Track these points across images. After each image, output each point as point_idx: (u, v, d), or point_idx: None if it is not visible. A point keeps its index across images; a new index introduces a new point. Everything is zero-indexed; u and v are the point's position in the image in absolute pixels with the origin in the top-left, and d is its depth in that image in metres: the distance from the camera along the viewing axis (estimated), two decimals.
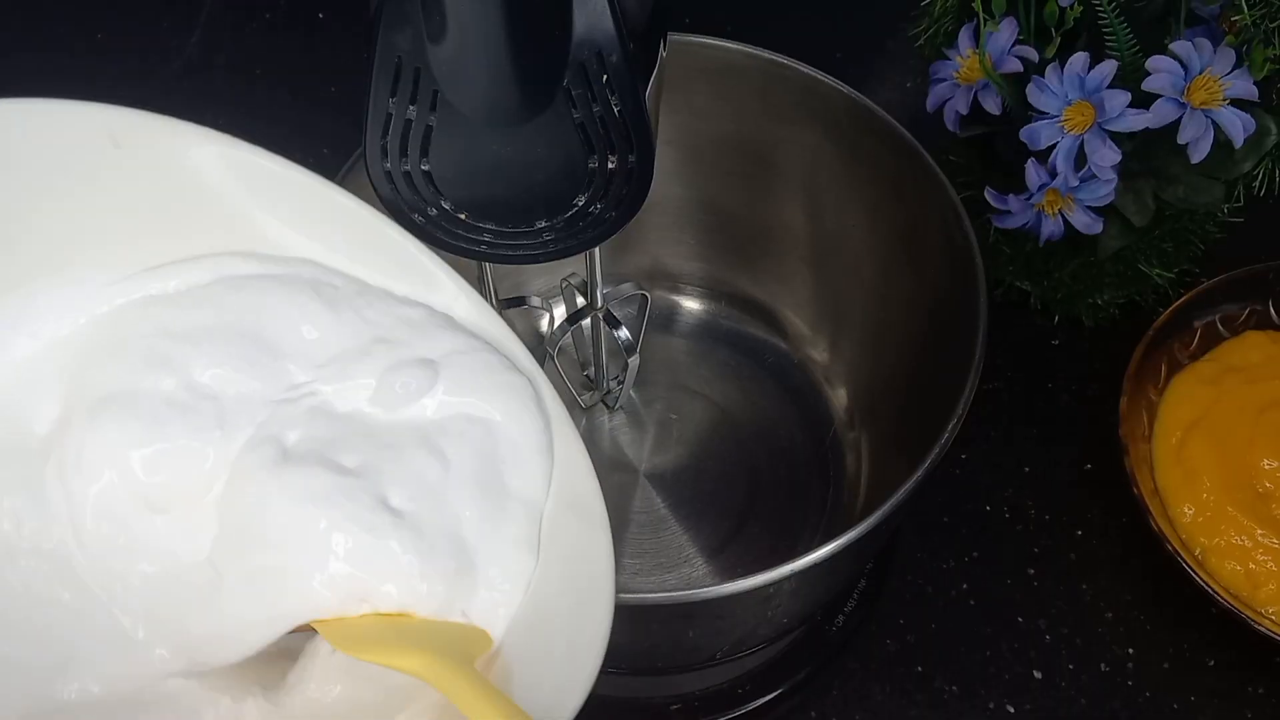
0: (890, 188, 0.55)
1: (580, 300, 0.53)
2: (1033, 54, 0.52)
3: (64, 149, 0.37)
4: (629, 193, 0.39)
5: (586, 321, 0.54)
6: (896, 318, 0.57)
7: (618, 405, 0.61)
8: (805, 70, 0.55)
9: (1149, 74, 0.49)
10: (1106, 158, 0.50)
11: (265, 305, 0.38)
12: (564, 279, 0.53)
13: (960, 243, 0.50)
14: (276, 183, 0.38)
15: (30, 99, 0.36)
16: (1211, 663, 0.56)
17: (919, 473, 0.43)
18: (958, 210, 0.50)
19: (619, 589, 0.37)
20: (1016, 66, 0.52)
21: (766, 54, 0.55)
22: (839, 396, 0.61)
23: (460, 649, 0.35)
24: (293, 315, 0.38)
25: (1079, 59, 0.50)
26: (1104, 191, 0.52)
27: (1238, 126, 0.50)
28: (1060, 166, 0.51)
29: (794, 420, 0.61)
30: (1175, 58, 0.49)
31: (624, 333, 0.54)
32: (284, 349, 0.38)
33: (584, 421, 0.61)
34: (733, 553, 0.57)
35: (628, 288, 0.56)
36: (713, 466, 0.59)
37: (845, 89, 0.54)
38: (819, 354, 0.63)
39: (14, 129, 0.36)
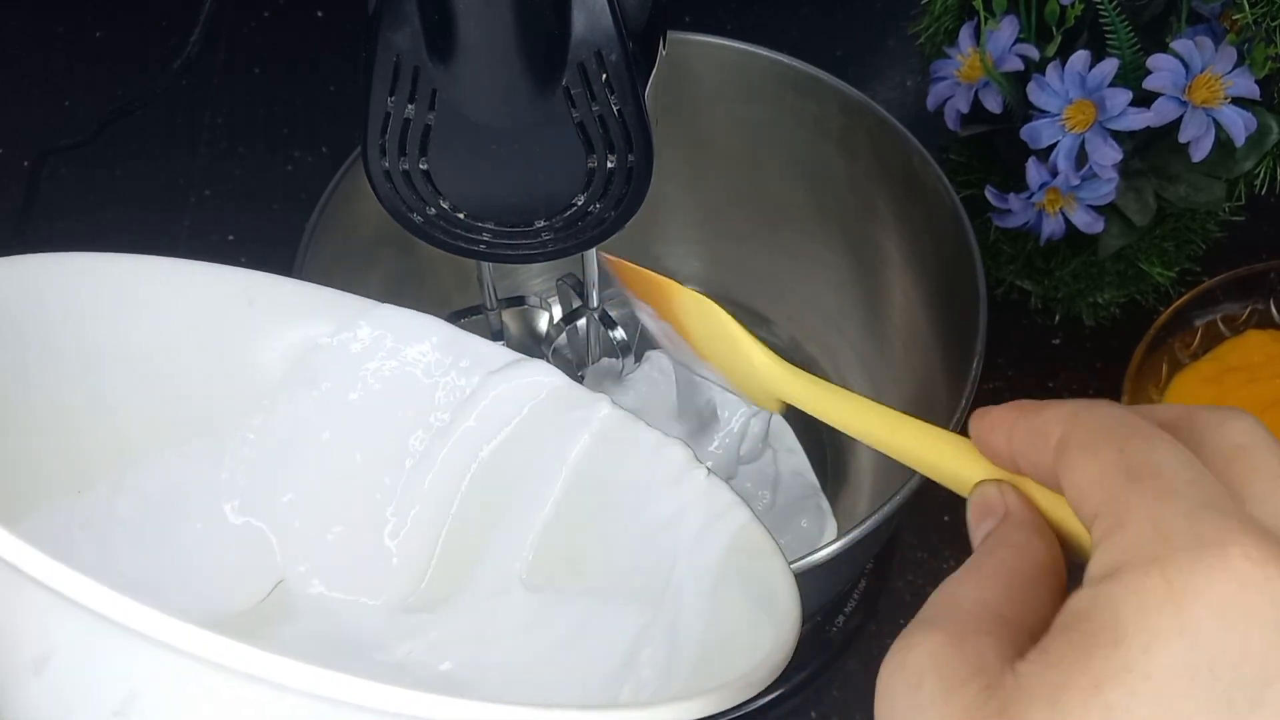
0: (891, 186, 0.54)
1: (575, 301, 0.53)
2: (1034, 52, 0.51)
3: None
4: (628, 192, 0.39)
5: (582, 322, 0.54)
6: (896, 317, 0.57)
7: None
8: (805, 69, 0.54)
9: (1150, 72, 0.49)
10: (1107, 156, 0.50)
11: None
12: (559, 279, 0.53)
13: (960, 242, 0.50)
14: None
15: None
16: None
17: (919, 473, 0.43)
18: (958, 209, 0.50)
19: None
20: (1017, 65, 0.52)
21: (767, 52, 0.55)
22: None
23: None
24: None
25: (1080, 57, 0.49)
26: (1105, 190, 0.52)
27: (1239, 125, 0.49)
28: (1061, 165, 0.51)
29: (793, 420, 0.61)
30: (1176, 56, 0.49)
31: (619, 333, 0.54)
32: None
33: None
34: None
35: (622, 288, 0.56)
36: None
37: (846, 87, 0.54)
38: (818, 353, 0.62)
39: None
